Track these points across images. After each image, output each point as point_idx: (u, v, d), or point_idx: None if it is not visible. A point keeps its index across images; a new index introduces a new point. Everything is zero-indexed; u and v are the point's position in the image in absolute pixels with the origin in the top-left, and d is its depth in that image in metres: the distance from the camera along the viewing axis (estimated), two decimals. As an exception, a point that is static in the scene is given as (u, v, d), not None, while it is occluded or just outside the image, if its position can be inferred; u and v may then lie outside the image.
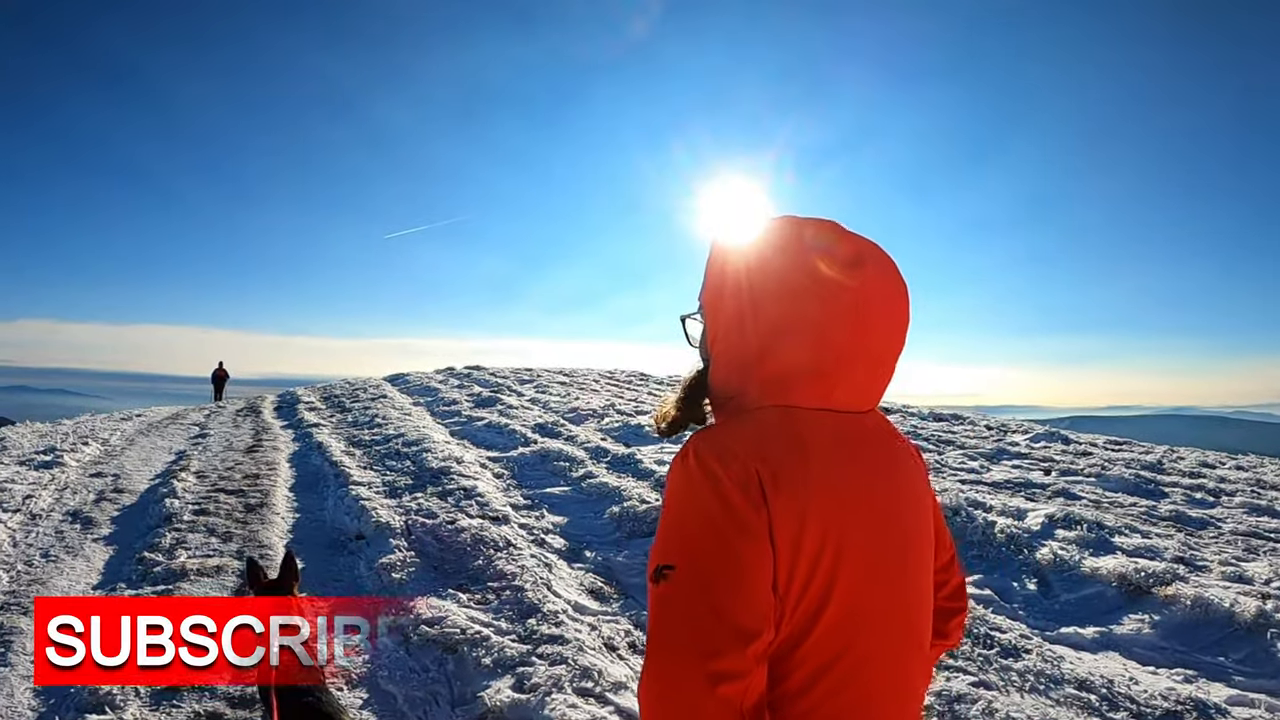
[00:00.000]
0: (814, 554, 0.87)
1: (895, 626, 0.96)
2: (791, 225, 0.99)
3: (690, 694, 0.82)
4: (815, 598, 0.88)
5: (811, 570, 0.87)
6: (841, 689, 0.90)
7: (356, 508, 5.76)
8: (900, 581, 0.97)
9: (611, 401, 12.38)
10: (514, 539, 5.14)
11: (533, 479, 6.92)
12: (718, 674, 0.82)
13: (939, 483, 7.96)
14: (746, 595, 0.84)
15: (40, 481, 6.98)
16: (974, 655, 3.69)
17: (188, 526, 5.44)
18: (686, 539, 0.87)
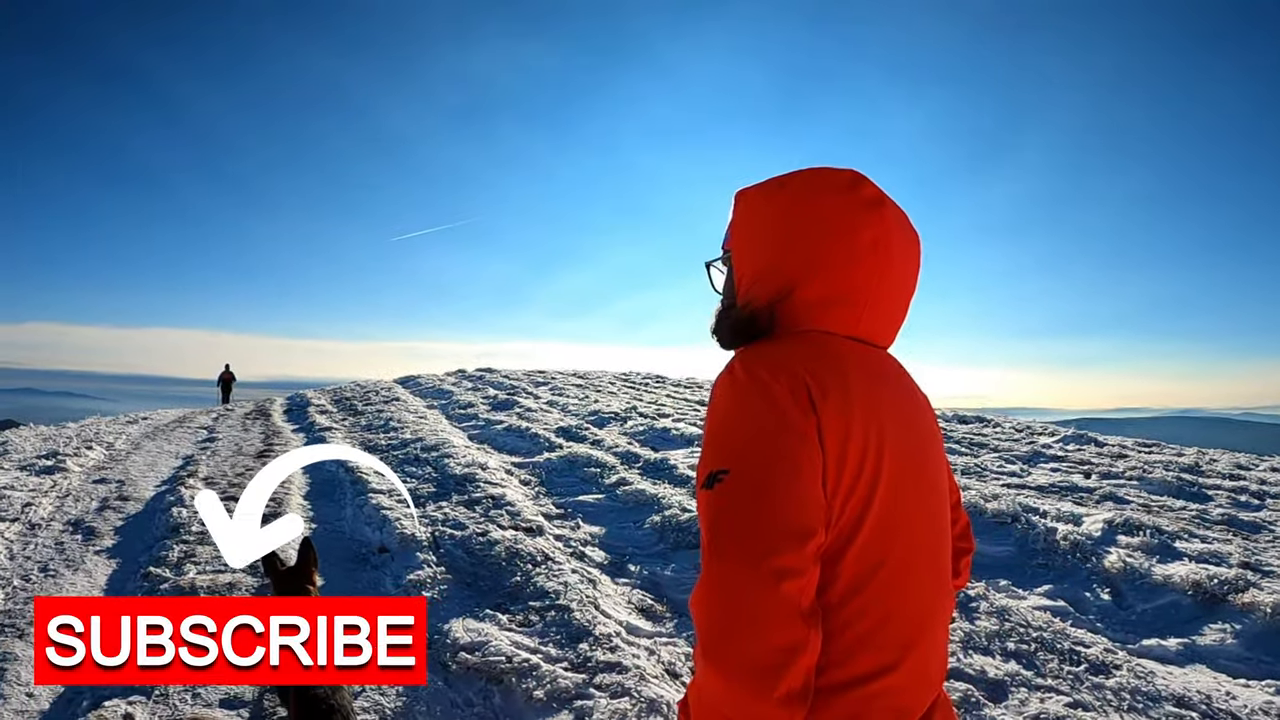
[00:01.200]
0: (858, 460, 0.90)
1: (927, 542, 1.00)
2: (814, 172, 1.04)
3: (753, 592, 0.83)
4: (859, 504, 0.91)
5: (856, 476, 0.90)
6: (880, 599, 0.92)
7: (378, 518, 5.35)
8: (930, 499, 1.01)
9: (632, 404, 11.96)
10: (551, 552, 4.73)
11: (563, 486, 6.50)
12: (779, 570, 0.83)
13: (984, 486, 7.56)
14: (801, 495, 0.86)
15: (41, 488, 6.59)
16: (1063, 673, 3.43)
17: (196, 538, 5.03)
18: (739, 444, 0.88)
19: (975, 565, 4.86)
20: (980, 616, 3.97)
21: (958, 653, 3.55)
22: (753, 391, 0.90)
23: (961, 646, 3.61)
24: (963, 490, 6.64)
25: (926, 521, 1.01)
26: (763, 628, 0.83)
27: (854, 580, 0.91)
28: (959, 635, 3.72)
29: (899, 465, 0.95)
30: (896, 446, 0.96)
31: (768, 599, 0.83)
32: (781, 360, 0.93)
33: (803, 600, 0.85)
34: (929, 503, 1.02)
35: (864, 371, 0.97)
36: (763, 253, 1.03)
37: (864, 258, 1.00)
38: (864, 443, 0.91)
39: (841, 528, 0.91)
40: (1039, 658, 3.55)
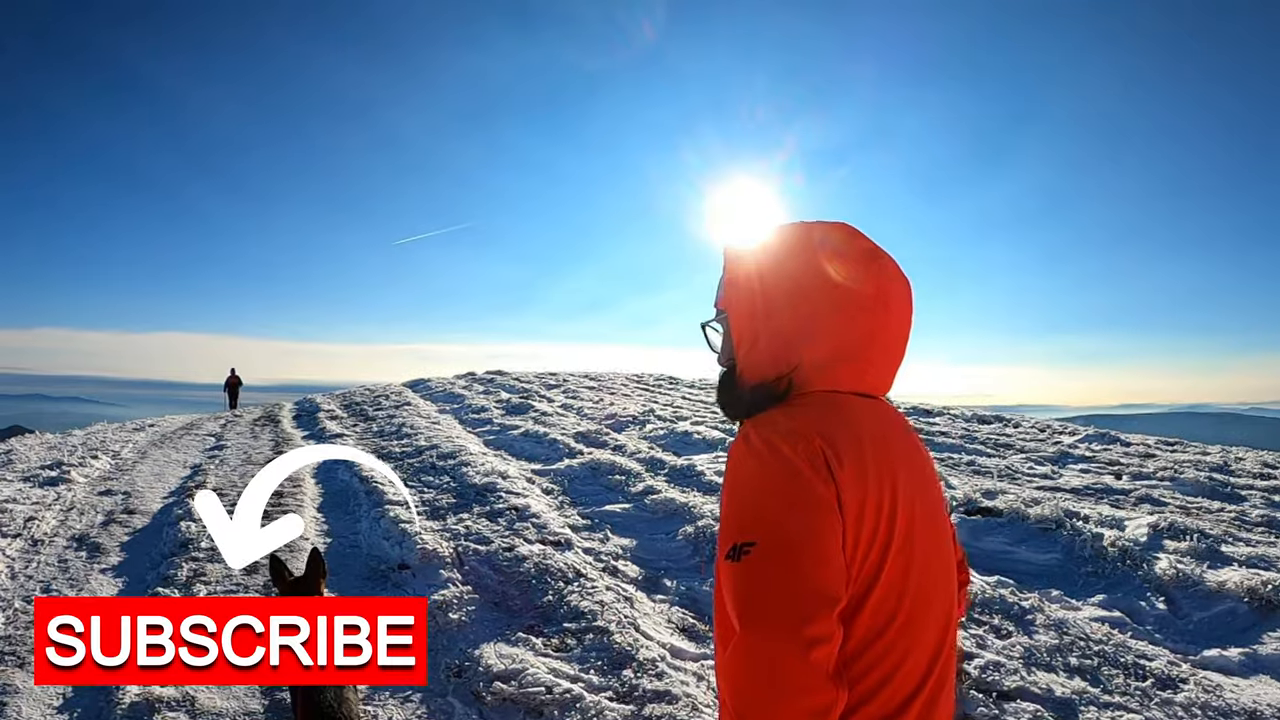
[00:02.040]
0: (874, 522, 0.93)
1: (937, 589, 1.02)
2: (804, 227, 1.07)
3: (788, 661, 0.85)
4: (874, 563, 0.94)
5: (872, 537, 0.93)
6: (889, 652, 0.95)
7: (396, 531, 5.07)
8: (937, 548, 1.04)
9: (649, 407, 11.67)
10: (582, 567, 4.44)
11: (587, 495, 6.21)
12: (812, 639, 0.85)
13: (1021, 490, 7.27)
14: (827, 562, 0.89)
15: (44, 501, 6.34)
16: (1130, 689, 3.28)
17: (206, 555, 4.76)
18: (764, 515, 0.90)
19: (1024, 573, 4.67)
20: (1039, 630, 3.76)
21: (1020, 670, 3.34)
22: (773, 463, 0.92)
23: (1024, 664, 3.40)
24: (999, 494, 6.39)
25: (936, 568, 1.03)
26: (799, 694, 0.85)
27: (867, 635, 0.94)
28: (1019, 651, 3.51)
29: (910, 519, 0.98)
30: (907, 500, 0.98)
31: (802, 667, 0.85)
32: (798, 430, 0.94)
33: (831, 664, 0.87)
34: (937, 550, 1.04)
35: (874, 430, 0.99)
36: (763, 316, 1.05)
37: (867, 313, 1.02)
38: (879, 504, 0.94)
39: (856, 588, 0.93)
40: (1103, 673, 3.38)
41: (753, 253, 1.08)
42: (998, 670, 3.31)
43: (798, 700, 0.85)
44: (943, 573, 1.05)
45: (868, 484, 0.93)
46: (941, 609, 1.04)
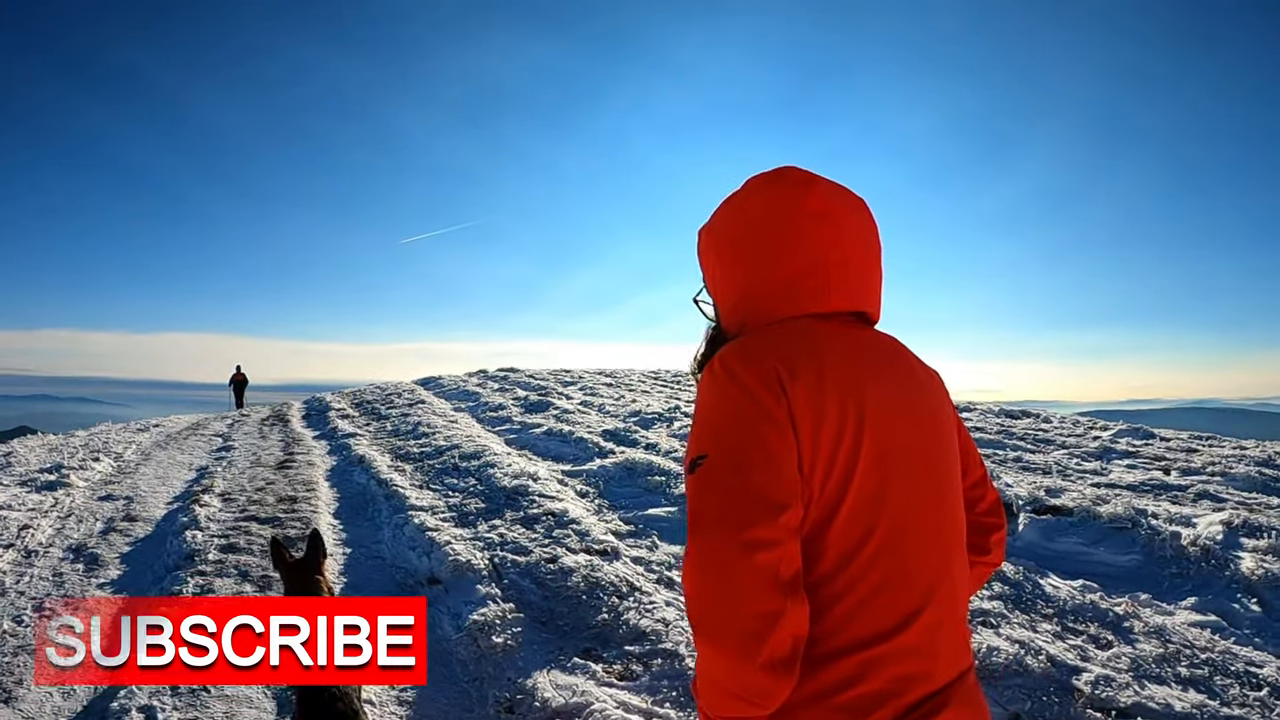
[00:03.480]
0: (834, 437, 0.92)
1: (927, 513, 1.00)
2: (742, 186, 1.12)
3: (728, 563, 0.87)
4: (839, 479, 0.93)
5: (834, 452, 0.92)
6: (872, 569, 0.93)
7: (423, 540, 4.60)
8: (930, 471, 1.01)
9: (673, 404, 11.18)
10: (635, 579, 3.97)
11: (626, 497, 5.73)
12: (752, 542, 0.87)
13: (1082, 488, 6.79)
14: (773, 472, 0.89)
15: (41, 507, 5.89)
16: (1248, 700, 3.03)
17: (214, 569, 4.30)
18: (716, 430, 0.93)
19: (1106, 576, 4.36)
20: (1139, 638, 3.44)
21: (1132, 684, 3.00)
22: (727, 382, 0.95)
23: (1134, 676, 3.08)
24: (1062, 492, 5.94)
25: (925, 493, 1.00)
26: (740, 597, 0.87)
27: (841, 553, 0.93)
28: (1125, 662, 3.20)
29: (885, 439, 0.97)
30: (882, 421, 0.97)
31: (743, 569, 0.86)
32: (752, 351, 0.97)
33: (780, 570, 0.87)
34: (929, 475, 1.02)
35: (840, 350, 0.99)
36: (724, 273, 1.09)
37: (813, 227, 1.04)
38: (840, 420, 0.94)
39: (824, 503, 0.93)
40: (1216, 683, 3.13)
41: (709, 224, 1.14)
42: (1109, 685, 2.98)
43: (742, 603, 0.87)
44: (939, 500, 1.03)
45: (825, 401, 0.93)
46: (937, 535, 1.01)
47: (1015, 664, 3.09)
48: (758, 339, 1.00)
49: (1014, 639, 3.30)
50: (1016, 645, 3.23)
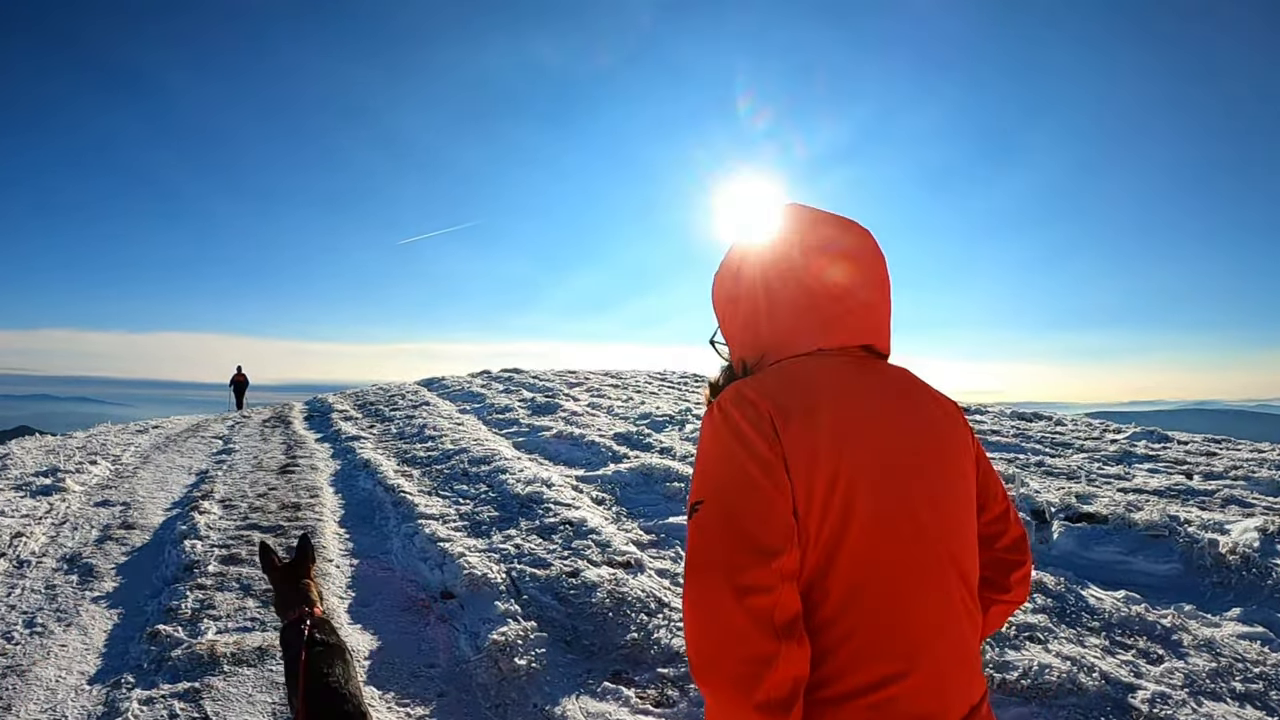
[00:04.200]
0: (828, 480, 0.92)
1: (930, 552, 0.97)
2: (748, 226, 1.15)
3: (721, 608, 0.88)
4: (835, 521, 0.92)
5: (828, 495, 0.92)
6: (878, 612, 0.93)
7: (435, 551, 4.36)
8: (929, 506, 0.99)
9: (682, 406, 10.95)
10: (663, 594, 3.74)
11: (644, 505, 5.49)
12: (744, 587, 0.87)
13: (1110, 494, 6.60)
14: (766, 518, 0.90)
15: (35, 513, 5.66)
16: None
17: (214, 581, 4.06)
18: (712, 476, 0.95)
19: (1146, 586, 4.25)
20: (1189, 652, 3.33)
21: (1189, 701, 2.88)
22: (723, 427, 0.96)
23: (1189, 693, 2.96)
24: (1092, 498, 5.78)
25: (930, 532, 0.98)
26: (734, 641, 0.87)
27: (844, 596, 0.93)
28: (1179, 678, 3.08)
29: (884, 479, 0.96)
30: (880, 460, 0.96)
31: (736, 614, 0.87)
32: (748, 395, 0.97)
33: (775, 615, 0.87)
34: (934, 513, 0.99)
35: (839, 388, 0.99)
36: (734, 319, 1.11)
37: (811, 263, 1.05)
38: (834, 461, 0.93)
39: (822, 546, 0.92)
40: (1272, 699, 3.03)
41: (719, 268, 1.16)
42: (1166, 703, 2.85)
43: (736, 648, 0.87)
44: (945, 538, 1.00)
45: (818, 442, 0.93)
46: (940, 576, 0.99)
47: (1069, 682, 2.94)
48: (754, 382, 1.00)
49: (1064, 655, 3.15)
50: (1068, 662, 3.08)
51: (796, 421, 0.94)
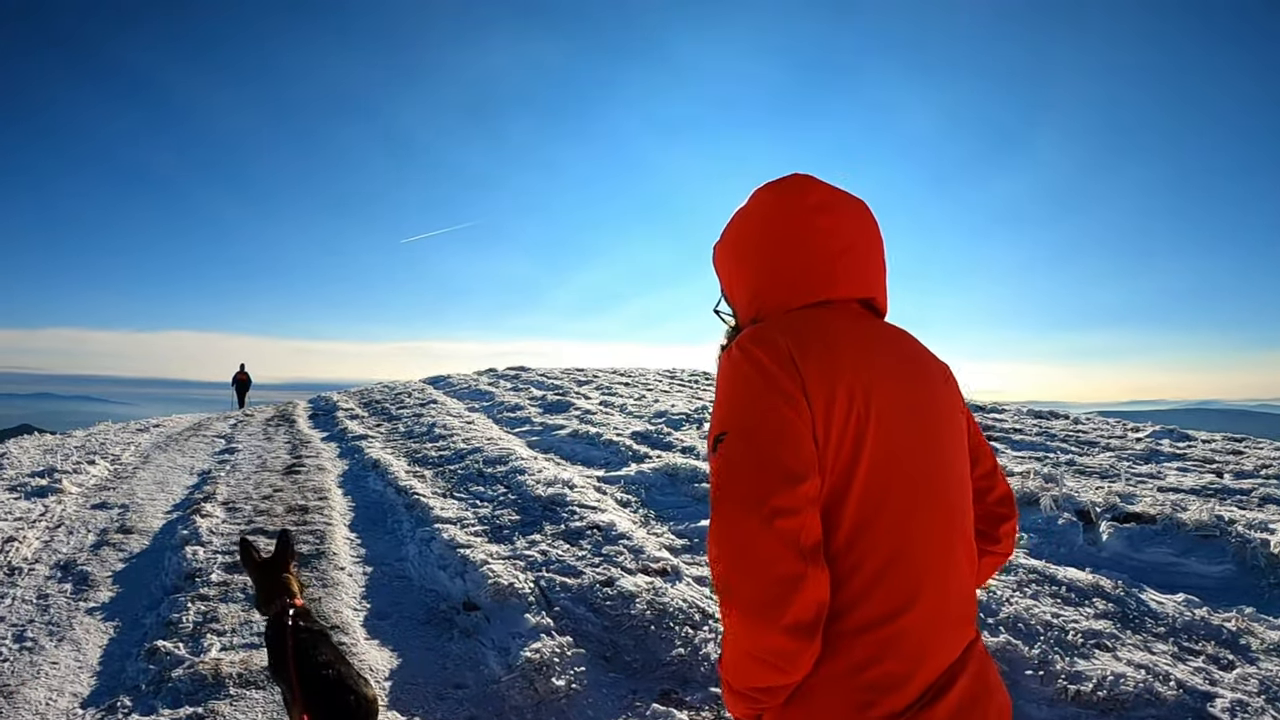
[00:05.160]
0: (845, 411, 0.97)
1: (934, 489, 1.03)
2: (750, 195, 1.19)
3: (751, 531, 0.91)
4: (850, 451, 0.97)
5: (845, 425, 0.97)
6: (884, 541, 0.97)
7: (455, 559, 4.06)
8: (931, 447, 1.05)
9: (699, 404, 10.63)
10: (705, 604, 3.44)
11: (672, 507, 5.19)
12: (773, 510, 0.91)
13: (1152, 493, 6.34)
14: (790, 444, 0.93)
15: (30, 516, 5.37)
16: None
17: (218, 592, 3.76)
18: (734, 408, 0.98)
19: (1202, 588, 4.07)
20: (1259, 657, 3.17)
21: (1269, 711, 2.75)
22: (743, 362, 0.99)
23: (1267, 700, 2.81)
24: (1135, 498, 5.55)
25: (931, 471, 1.03)
26: (764, 562, 0.90)
27: (856, 524, 0.96)
28: (1254, 685, 2.94)
29: (892, 418, 1.00)
30: (888, 401, 1.01)
31: (765, 536, 0.90)
32: (765, 333, 1.02)
33: (801, 538, 0.90)
34: (934, 455, 1.04)
35: (849, 333, 1.04)
36: (740, 277, 1.16)
37: (814, 220, 1.11)
38: (849, 397, 0.97)
39: (837, 475, 0.96)
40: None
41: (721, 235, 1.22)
42: (1246, 711, 2.71)
43: (766, 569, 0.90)
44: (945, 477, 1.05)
45: (836, 378, 0.97)
46: (944, 511, 1.03)
47: (1145, 692, 2.76)
48: (770, 324, 1.04)
49: (1135, 663, 2.97)
50: (1141, 671, 2.90)
51: (814, 355, 0.98)
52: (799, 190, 1.13)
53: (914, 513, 0.99)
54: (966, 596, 1.05)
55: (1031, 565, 4.17)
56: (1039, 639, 3.15)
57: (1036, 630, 3.24)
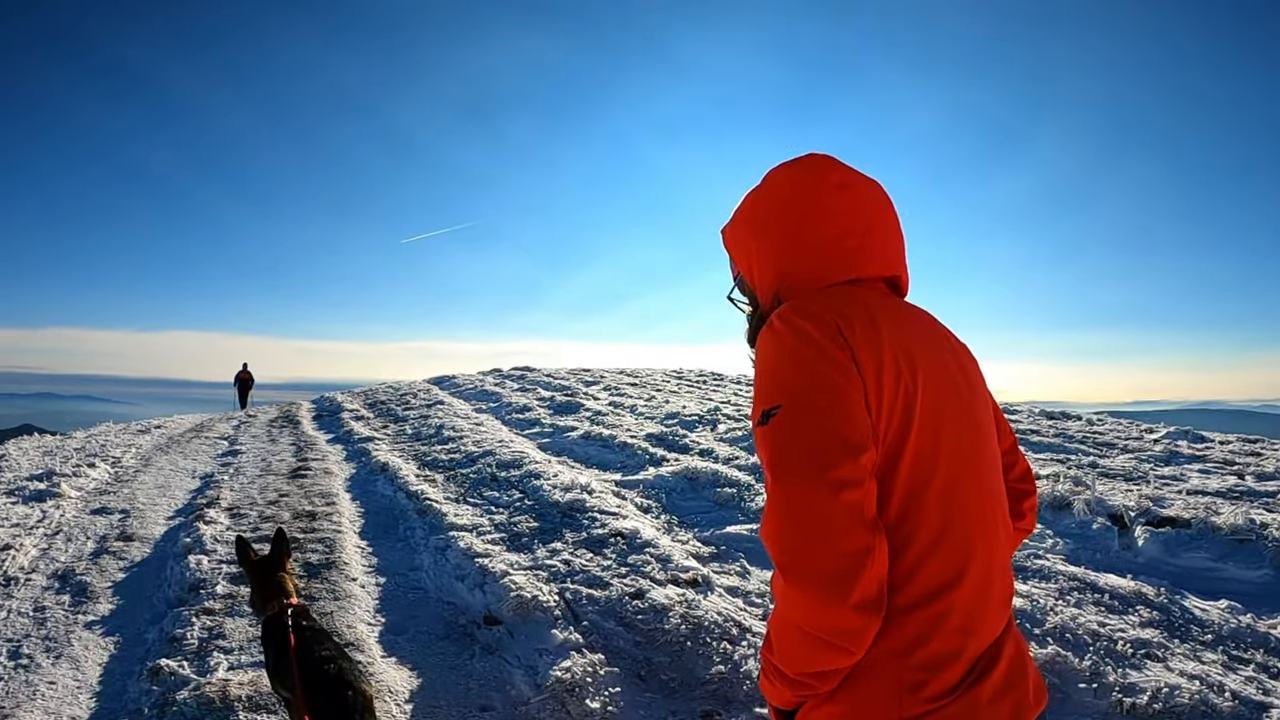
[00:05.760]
0: (893, 382, 0.96)
1: (974, 461, 1.03)
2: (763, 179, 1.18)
3: (816, 503, 0.88)
4: (900, 422, 0.95)
5: (894, 396, 0.95)
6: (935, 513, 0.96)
7: (473, 569, 3.85)
8: (973, 425, 1.05)
9: (710, 405, 10.43)
10: (741, 618, 3.24)
11: (695, 513, 4.98)
12: (839, 481, 0.88)
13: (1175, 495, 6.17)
14: (847, 413, 0.91)
15: (27, 522, 5.17)
16: None
17: (224, 605, 3.56)
18: (786, 380, 0.96)
19: (1242, 594, 3.96)
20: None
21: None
22: (790, 335, 0.97)
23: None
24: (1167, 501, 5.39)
25: (971, 443, 1.03)
26: (831, 536, 0.87)
27: (907, 496, 0.95)
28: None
29: (935, 389, 0.99)
30: (929, 373, 1.00)
31: (832, 508, 0.87)
32: (810, 307, 1.00)
33: (865, 510, 0.88)
34: (973, 427, 1.04)
35: (885, 309, 1.03)
36: (758, 254, 1.14)
37: (839, 197, 1.10)
38: (896, 367, 0.96)
39: (888, 445, 0.94)
40: None
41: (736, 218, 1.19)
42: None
43: (834, 542, 0.87)
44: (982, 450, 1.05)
45: (882, 349, 0.96)
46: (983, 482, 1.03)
47: (1201, 705, 2.65)
48: (810, 299, 1.03)
49: (1188, 674, 2.86)
50: (1195, 682, 2.79)
51: (860, 326, 0.96)
52: (821, 168, 1.12)
53: (961, 484, 0.98)
54: (1007, 570, 1.04)
55: (1071, 572, 4.01)
56: (1088, 650, 3.01)
57: (1085, 641, 3.10)
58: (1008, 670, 0.97)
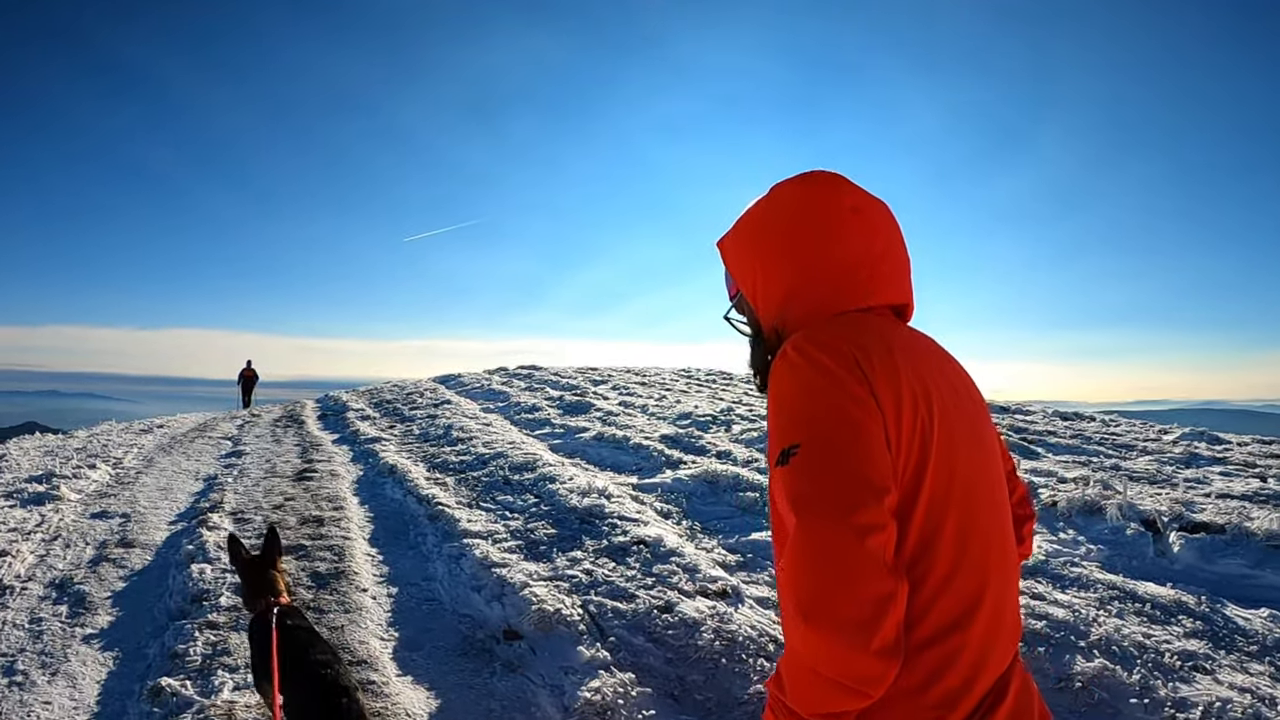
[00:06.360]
0: (911, 418, 0.93)
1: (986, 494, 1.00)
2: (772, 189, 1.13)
3: (841, 548, 0.84)
4: (917, 459, 0.93)
5: (912, 432, 0.93)
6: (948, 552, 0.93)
7: (490, 579, 3.66)
8: (983, 454, 1.03)
9: (723, 405, 10.24)
10: (776, 632, 3.05)
11: (717, 518, 4.79)
12: (864, 526, 0.85)
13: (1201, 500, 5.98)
14: (870, 454, 0.89)
15: (24, 526, 4.99)
16: None
17: (229, 619, 3.37)
18: (806, 418, 0.92)
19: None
20: None
21: None
22: (808, 369, 0.94)
23: None
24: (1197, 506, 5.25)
25: (983, 474, 1.01)
26: (855, 581, 0.84)
27: (923, 532, 0.93)
28: None
29: (949, 421, 0.97)
30: (943, 404, 0.98)
31: (856, 553, 0.84)
32: (826, 339, 0.96)
33: (887, 553, 0.86)
34: (983, 457, 1.02)
35: (899, 339, 1.01)
36: (769, 277, 1.08)
37: (851, 221, 1.06)
38: (914, 401, 0.94)
39: (906, 482, 0.92)
40: None
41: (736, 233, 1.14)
42: None
43: (857, 588, 0.84)
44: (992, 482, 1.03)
45: (900, 382, 0.93)
46: (994, 516, 1.01)
47: (1255, 718, 2.51)
48: (825, 328, 0.99)
49: (1238, 687, 2.73)
50: (1246, 695, 2.66)
51: (878, 358, 0.94)
52: (834, 189, 1.08)
53: (975, 517, 0.96)
54: (1015, 603, 1.03)
55: (1109, 580, 3.83)
56: (1136, 663, 2.85)
57: (1131, 653, 2.93)
58: (1014, 705, 0.95)
